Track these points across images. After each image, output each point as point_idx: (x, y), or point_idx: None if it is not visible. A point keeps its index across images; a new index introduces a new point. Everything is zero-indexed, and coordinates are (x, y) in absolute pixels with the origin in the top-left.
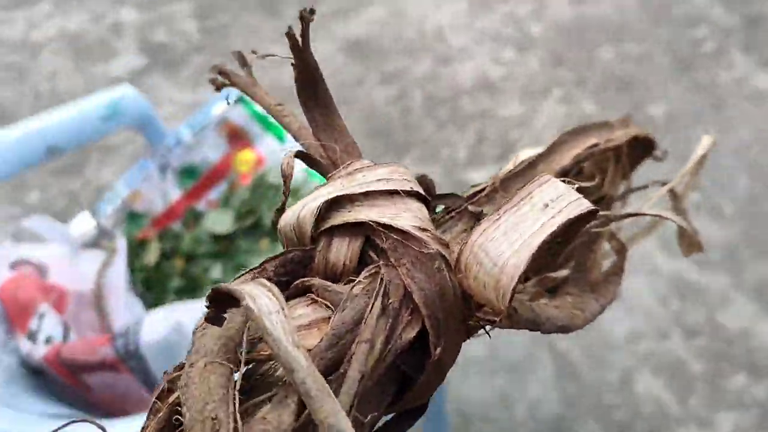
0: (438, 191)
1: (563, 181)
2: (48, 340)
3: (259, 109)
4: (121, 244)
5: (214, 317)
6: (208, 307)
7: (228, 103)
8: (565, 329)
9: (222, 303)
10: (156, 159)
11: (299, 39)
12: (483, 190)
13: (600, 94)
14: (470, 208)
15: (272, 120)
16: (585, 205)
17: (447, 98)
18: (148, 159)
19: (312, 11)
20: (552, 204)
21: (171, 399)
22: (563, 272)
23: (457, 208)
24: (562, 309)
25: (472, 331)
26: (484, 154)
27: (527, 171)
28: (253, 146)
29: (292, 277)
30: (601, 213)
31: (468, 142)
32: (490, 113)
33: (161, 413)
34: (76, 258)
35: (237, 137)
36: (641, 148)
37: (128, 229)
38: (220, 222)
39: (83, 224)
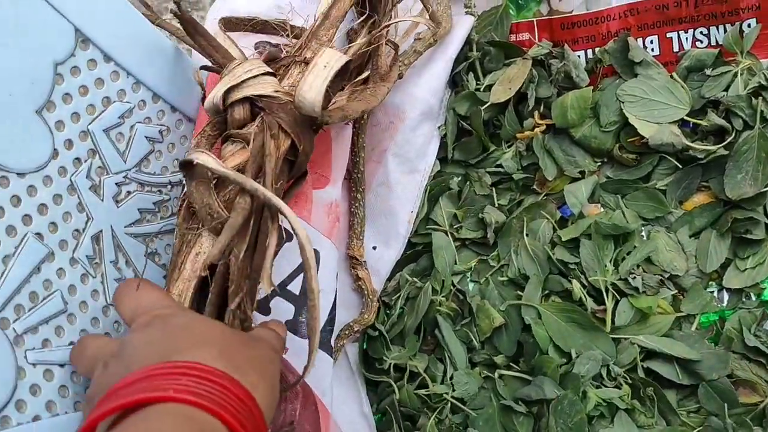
0: None
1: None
2: None
3: None
4: None
5: (187, 174)
6: (182, 172)
7: None
8: (365, 112)
9: (188, 167)
10: None
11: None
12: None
13: None
14: (297, 58)
15: None
16: (344, 58)
17: None
18: None
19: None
20: (327, 65)
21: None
22: (365, 74)
23: (292, 60)
24: (362, 100)
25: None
26: None
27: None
28: None
29: (220, 131)
30: (377, 32)
31: None
32: None
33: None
34: None
35: None
36: None
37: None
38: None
39: None
